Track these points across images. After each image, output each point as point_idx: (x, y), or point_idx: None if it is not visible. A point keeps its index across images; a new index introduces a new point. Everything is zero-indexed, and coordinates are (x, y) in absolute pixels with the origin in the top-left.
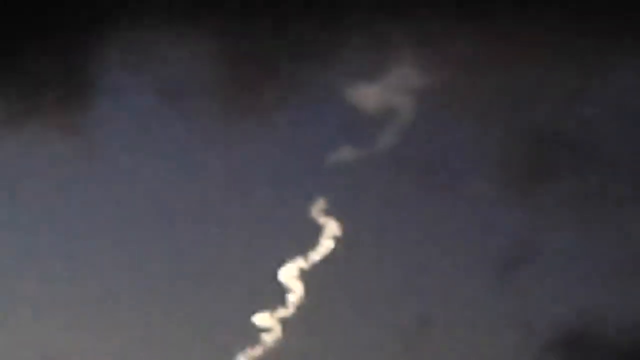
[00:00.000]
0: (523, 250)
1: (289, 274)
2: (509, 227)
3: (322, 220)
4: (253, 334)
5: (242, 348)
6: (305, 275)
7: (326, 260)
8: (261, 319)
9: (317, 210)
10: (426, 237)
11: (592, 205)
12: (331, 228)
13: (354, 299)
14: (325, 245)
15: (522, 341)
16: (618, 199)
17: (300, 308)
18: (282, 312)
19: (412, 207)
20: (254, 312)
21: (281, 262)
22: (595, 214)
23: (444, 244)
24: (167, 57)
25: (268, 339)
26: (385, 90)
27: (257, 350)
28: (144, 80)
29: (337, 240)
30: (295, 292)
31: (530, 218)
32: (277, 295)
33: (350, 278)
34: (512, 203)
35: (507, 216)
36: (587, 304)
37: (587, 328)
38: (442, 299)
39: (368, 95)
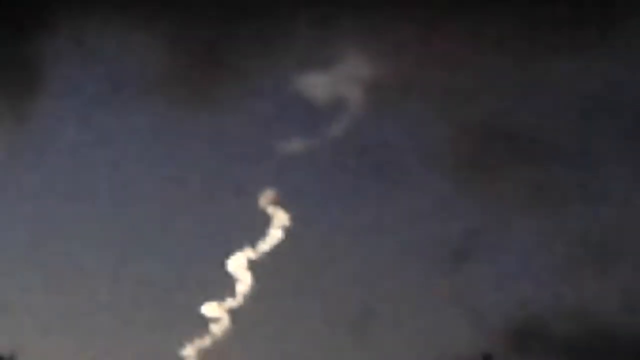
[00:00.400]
0: (473, 240)
1: (238, 263)
2: (459, 218)
3: (271, 210)
4: (202, 324)
5: (191, 338)
6: (253, 265)
7: (275, 250)
8: (210, 309)
9: (266, 200)
10: (375, 228)
11: (545, 197)
12: (280, 218)
13: (302, 289)
14: (274, 235)
15: (470, 330)
16: (571, 190)
17: (248, 298)
18: (231, 302)
19: (362, 198)
20: (202, 302)
21: (230, 252)
22: (547, 206)
23: (393, 234)
24: (119, 48)
25: (216, 328)
26: (334, 81)
27: (206, 340)
28: (96, 70)
29: (286, 230)
30: (244, 282)
31: (481, 209)
32: (225, 285)
33: (298, 268)
34: (463, 194)
35: (458, 207)
36: (536, 295)
37: (536, 318)
38: (389, 289)
39: (318, 86)
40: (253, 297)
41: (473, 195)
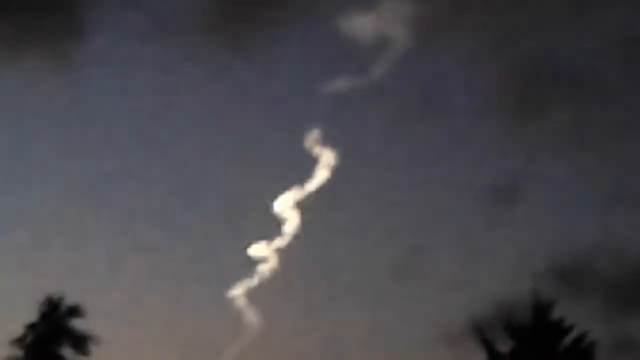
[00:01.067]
0: (519, 179)
1: (285, 204)
2: (505, 156)
3: (317, 150)
4: (249, 265)
5: (239, 279)
6: (300, 206)
7: (321, 190)
8: (257, 249)
9: (312, 140)
10: (420, 167)
11: (588, 135)
12: (326, 158)
13: (349, 229)
14: (321, 175)
15: (514, 270)
16: (614, 127)
17: (295, 238)
18: (278, 243)
19: (406, 137)
20: (249, 243)
21: (277, 193)
22: (591, 143)
23: (439, 172)
24: None
25: (264, 269)
26: (379, 20)
27: (254, 281)
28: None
29: (332, 170)
30: (291, 222)
31: (525, 148)
32: (272, 225)
33: (345, 208)
34: (507, 133)
35: (504, 145)
36: (581, 233)
37: (580, 257)
38: (434, 229)
39: (363, 25)
40: (300, 237)
41: (520, 134)
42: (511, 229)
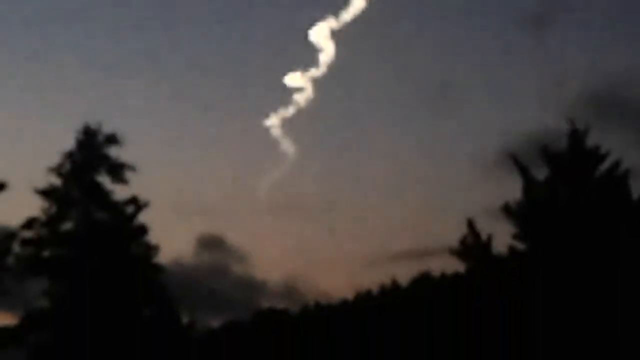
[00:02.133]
0: (551, 6)
1: (320, 33)
2: None
3: None
4: (285, 94)
5: (275, 108)
6: (336, 35)
7: (357, 19)
8: (293, 79)
9: None
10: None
11: None
12: None
13: (384, 60)
14: (356, 4)
15: (550, 96)
16: None
17: (331, 67)
18: (314, 72)
19: None
20: (285, 73)
21: (312, 22)
22: None
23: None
24: None
25: (300, 98)
26: None
27: (290, 110)
28: None
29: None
30: (327, 51)
31: None
32: (308, 55)
33: (381, 38)
34: None
35: None
36: (616, 59)
37: (616, 84)
38: (467, 59)
39: None
40: (336, 66)
41: None
42: (542, 55)
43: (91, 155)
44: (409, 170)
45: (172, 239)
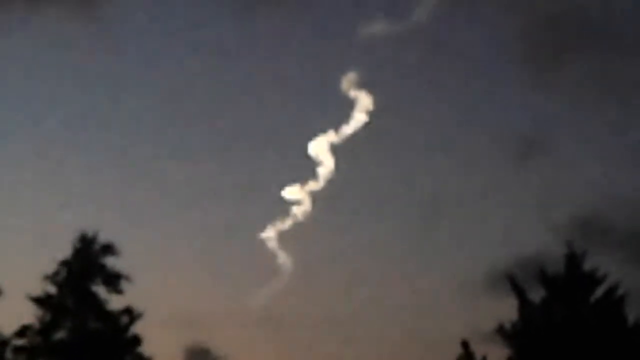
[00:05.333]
0: (541, 131)
1: (320, 147)
2: (529, 108)
3: (353, 93)
4: (283, 207)
5: (272, 220)
6: (336, 149)
7: (357, 134)
8: (291, 191)
9: (349, 83)
10: (450, 111)
11: (612, 86)
12: (363, 101)
13: (383, 175)
14: (357, 119)
15: (537, 221)
16: (637, 80)
17: (330, 181)
18: (312, 185)
19: (439, 83)
20: (284, 185)
21: (312, 136)
22: (616, 95)
23: (466, 121)
24: None
25: (298, 211)
26: None
27: (287, 223)
28: None
29: (369, 113)
30: (326, 165)
31: (550, 99)
32: (307, 168)
33: (379, 152)
34: (533, 85)
35: (528, 97)
36: (604, 189)
37: (604, 212)
38: (459, 179)
39: None
40: (335, 180)
41: (543, 86)
42: (534, 179)
43: (87, 264)
44: (403, 288)
45: (164, 349)
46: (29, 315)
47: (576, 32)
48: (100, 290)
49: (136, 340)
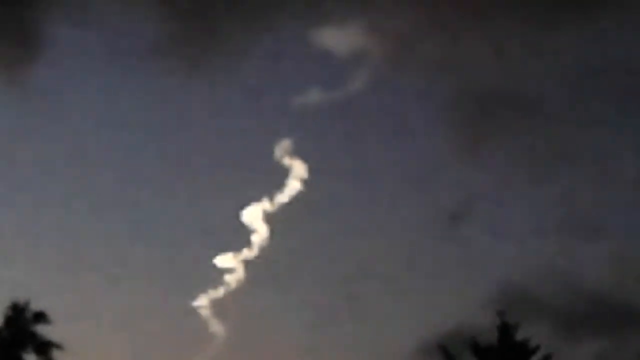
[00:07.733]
0: (470, 203)
1: (253, 215)
2: (457, 180)
3: (288, 161)
4: (216, 275)
5: (204, 289)
6: (269, 217)
7: (291, 202)
8: (224, 260)
9: (283, 151)
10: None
11: (538, 162)
12: (297, 169)
13: (315, 243)
14: (291, 186)
15: (462, 293)
16: (564, 156)
17: (263, 249)
18: (246, 254)
19: (371, 153)
20: (217, 253)
21: (245, 204)
22: (541, 171)
23: (397, 192)
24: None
25: (231, 279)
26: (355, 34)
27: (219, 291)
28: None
29: (304, 181)
30: (260, 233)
31: (478, 173)
32: (241, 236)
33: (313, 221)
34: (463, 158)
35: (457, 170)
36: (528, 260)
37: (528, 284)
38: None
39: (338, 39)
40: (268, 249)
41: (471, 159)
42: (462, 253)
43: (18, 332)
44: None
45: None
46: None
47: (508, 106)
48: (31, 358)
49: None
